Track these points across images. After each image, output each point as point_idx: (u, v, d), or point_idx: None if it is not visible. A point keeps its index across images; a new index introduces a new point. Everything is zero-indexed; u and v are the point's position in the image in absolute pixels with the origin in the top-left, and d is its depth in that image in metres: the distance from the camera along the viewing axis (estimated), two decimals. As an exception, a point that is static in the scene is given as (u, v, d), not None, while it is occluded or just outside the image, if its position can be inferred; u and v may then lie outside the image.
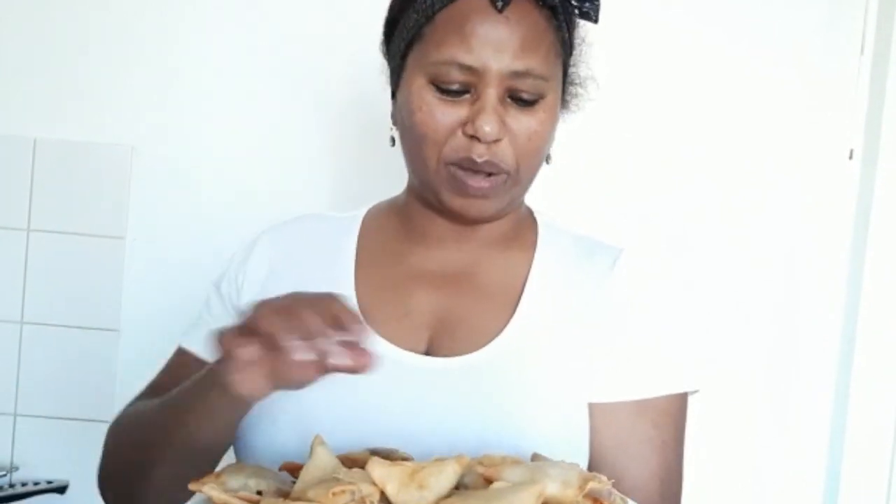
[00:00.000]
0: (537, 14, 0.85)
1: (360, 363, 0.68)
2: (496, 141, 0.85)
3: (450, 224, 0.94)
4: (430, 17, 0.85)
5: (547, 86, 0.87)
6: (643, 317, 0.92)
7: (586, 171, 1.45)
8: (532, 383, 0.87)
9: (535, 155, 0.89)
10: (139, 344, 1.53)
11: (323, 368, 0.68)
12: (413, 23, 0.87)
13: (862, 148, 1.49)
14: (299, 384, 0.70)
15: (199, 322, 1.00)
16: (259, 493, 0.71)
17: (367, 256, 0.97)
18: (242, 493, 0.69)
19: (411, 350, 0.89)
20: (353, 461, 0.73)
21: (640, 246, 0.98)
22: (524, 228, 0.98)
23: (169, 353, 1.50)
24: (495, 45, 0.83)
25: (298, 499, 0.64)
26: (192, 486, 0.71)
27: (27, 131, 1.51)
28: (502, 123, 0.85)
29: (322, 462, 0.70)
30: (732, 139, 1.50)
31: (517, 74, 0.84)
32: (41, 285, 1.52)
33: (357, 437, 0.83)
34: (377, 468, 0.65)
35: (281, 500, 0.65)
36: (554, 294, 0.92)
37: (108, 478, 0.93)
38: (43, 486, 1.47)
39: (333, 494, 0.62)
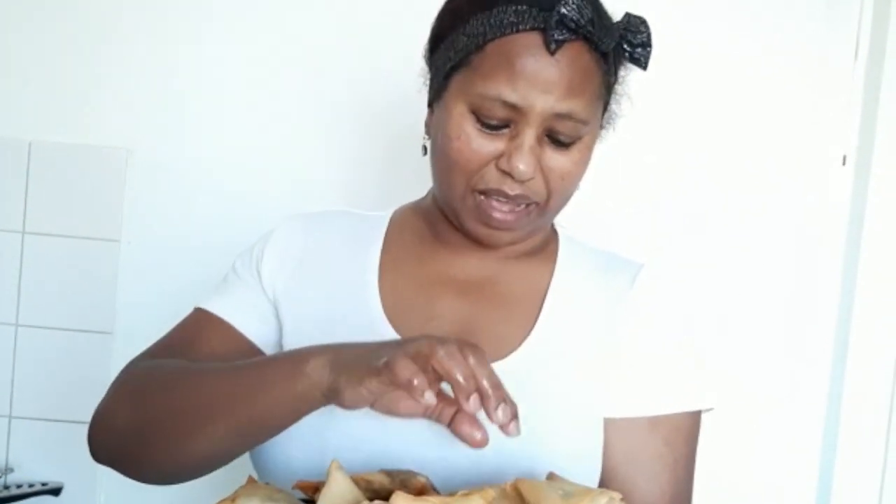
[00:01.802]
0: (588, 58, 0.83)
1: (475, 440, 0.70)
2: (529, 179, 0.85)
3: None
4: (480, 46, 0.83)
5: (586, 129, 0.86)
6: (660, 333, 0.92)
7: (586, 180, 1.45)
8: (551, 395, 0.87)
9: (566, 192, 0.89)
10: (133, 347, 1.50)
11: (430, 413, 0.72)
12: (462, 46, 0.85)
13: (855, 154, 1.50)
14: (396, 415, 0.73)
15: (221, 287, 0.98)
16: None
17: (393, 257, 0.97)
18: None
19: None
20: (367, 482, 0.72)
21: (640, 255, 0.98)
22: (546, 241, 0.99)
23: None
24: (543, 86, 0.81)
25: None
26: None
27: (22, 134, 1.50)
28: (537, 163, 0.84)
29: (339, 489, 0.69)
30: (726, 146, 1.50)
31: (559, 116, 0.83)
32: (36, 288, 1.51)
33: (374, 445, 0.84)
34: (401, 503, 0.64)
35: None
36: (573, 307, 0.93)
37: (118, 436, 0.86)
38: (38, 487, 1.47)
39: None
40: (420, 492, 0.71)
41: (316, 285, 0.95)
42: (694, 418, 0.92)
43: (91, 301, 1.52)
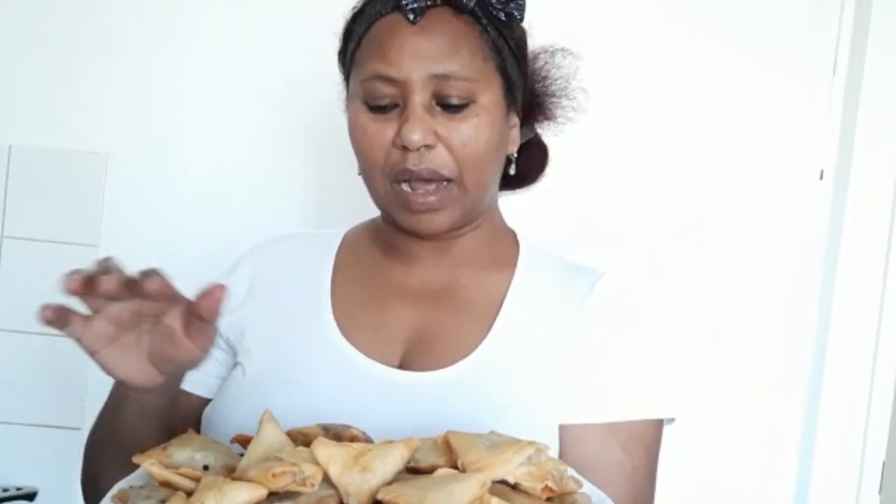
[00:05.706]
0: (456, 21, 0.87)
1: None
2: (428, 147, 0.86)
3: (424, 242, 0.94)
4: (358, 44, 0.90)
5: (476, 87, 0.87)
6: (618, 340, 0.91)
7: (555, 192, 1.45)
8: (503, 401, 0.87)
9: (478, 161, 0.88)
10: (110, 352, 1.52)
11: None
12: (349, 52, 0.92)
13: (833, 169, 1.50)
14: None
15: None
16: (206, 467, 0.70)
17: (344, 272, 0.98)
18: (184, 470, 0.67)
19: (385, 363, 0.90)
20: (304, 435, 0.72)
21: (612, 268, 0.98)
22: (504, 249, 0.98)
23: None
24: (413, 55, 0.85)
25: (239, 478, 0.63)
26: (135, 459, 0.70)
27: (2, 138, 1.50)
28: (431, 130, 0.86)
29: (269, 439, 0.69)
30: (703, 159, 1.50)
31: (439, 78, 0.85)
32: (13, 292, 1.51)
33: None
34: (322, 448, 0.64)
35: (220, 478, 0.63)
36: (531, 314, 0.92)
37: (82, 484, 0.97)
38: (12, 492, 1.46)
39: (273, 476, 0.61)
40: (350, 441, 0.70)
41: (270, 310, 0.97)
42: (654, 427, 0.91)
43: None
